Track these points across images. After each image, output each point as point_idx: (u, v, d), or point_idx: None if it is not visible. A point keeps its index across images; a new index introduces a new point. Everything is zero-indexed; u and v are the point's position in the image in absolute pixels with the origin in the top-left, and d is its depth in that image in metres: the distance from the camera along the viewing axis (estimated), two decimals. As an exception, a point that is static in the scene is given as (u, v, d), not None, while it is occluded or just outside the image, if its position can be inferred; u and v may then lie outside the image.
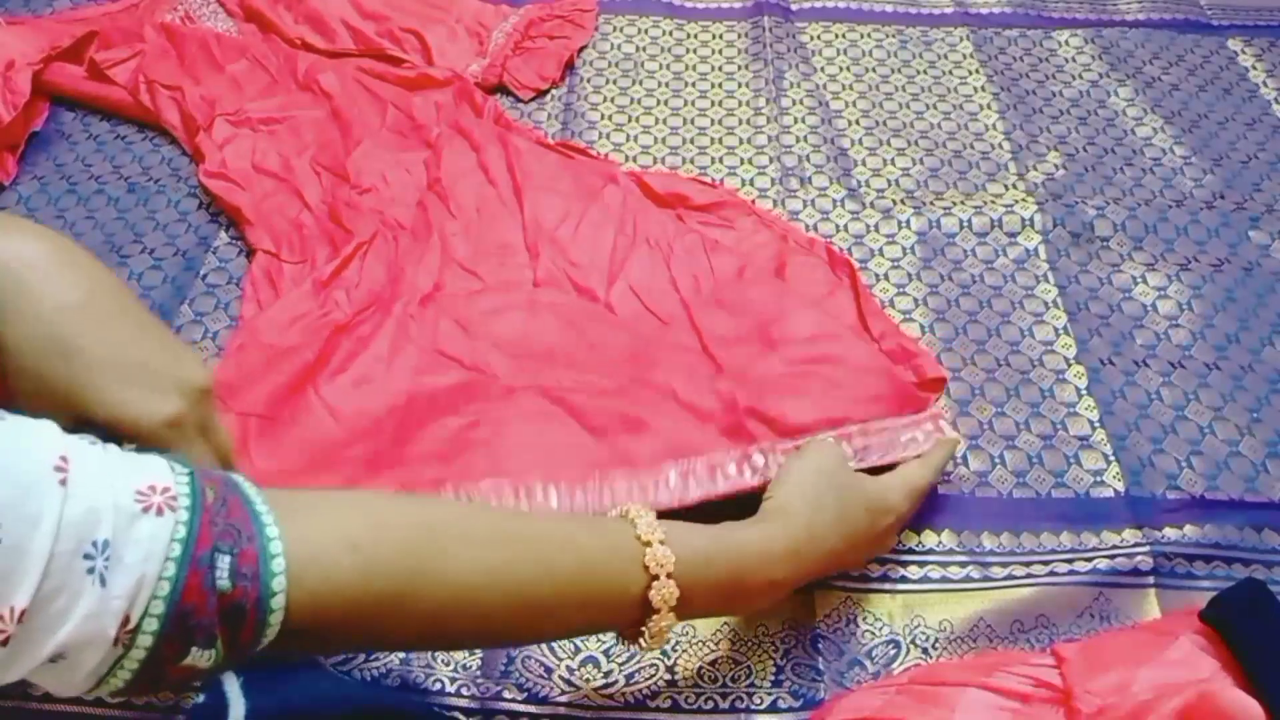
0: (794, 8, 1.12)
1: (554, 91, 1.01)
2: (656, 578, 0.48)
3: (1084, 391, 0.75)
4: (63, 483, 0.34)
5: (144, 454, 0.39)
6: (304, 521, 0.41)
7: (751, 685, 0.60)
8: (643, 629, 0.50)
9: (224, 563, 0.37)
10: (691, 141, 0.96)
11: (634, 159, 0.94)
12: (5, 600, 0.32)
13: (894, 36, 1.09)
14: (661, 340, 0.74)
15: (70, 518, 0.34)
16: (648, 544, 0.49)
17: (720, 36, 1.09)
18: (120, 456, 0.38)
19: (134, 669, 0.36)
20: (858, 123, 0.98)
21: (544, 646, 0.61)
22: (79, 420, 0.42)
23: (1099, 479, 0.70)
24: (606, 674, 0.61)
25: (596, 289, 0.78)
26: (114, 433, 0.43)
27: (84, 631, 0.34)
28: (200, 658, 0.37)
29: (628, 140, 0.96)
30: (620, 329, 0.75)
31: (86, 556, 0.34)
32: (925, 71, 1.05)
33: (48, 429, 0.36)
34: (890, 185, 0.92)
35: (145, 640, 0.36)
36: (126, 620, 0.35)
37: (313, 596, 0.40)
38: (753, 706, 0.59)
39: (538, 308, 0.76)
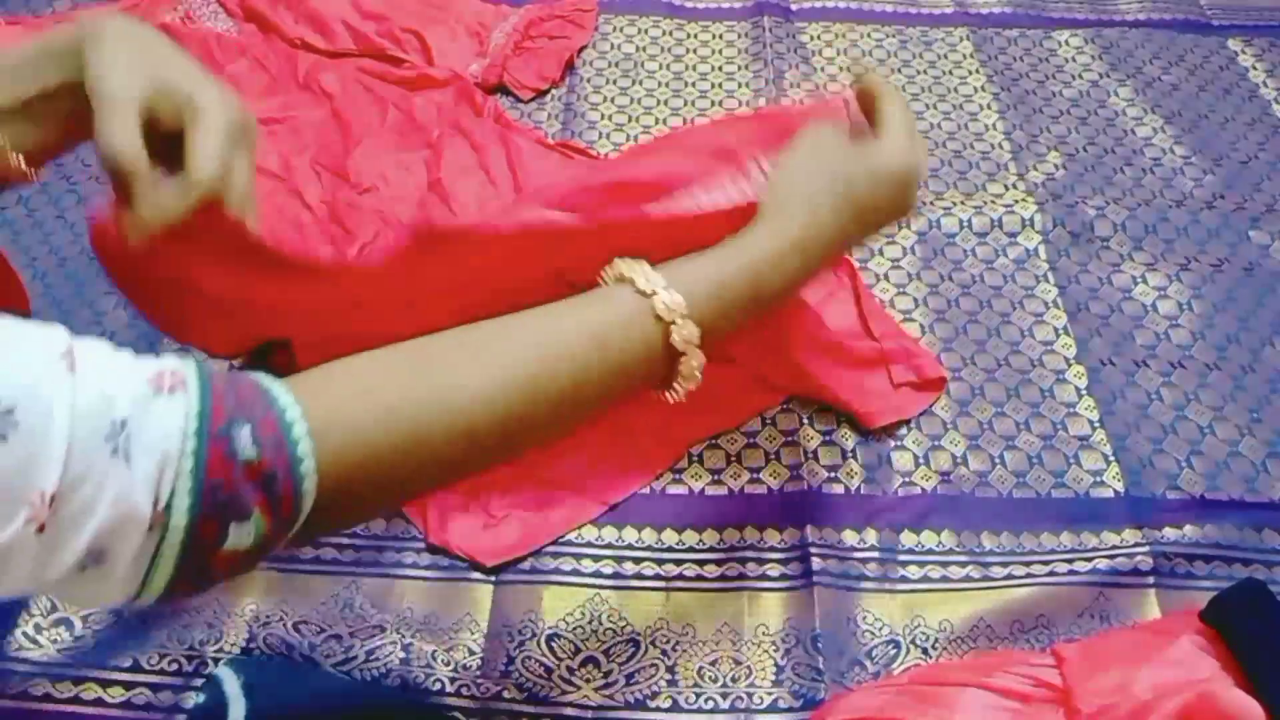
0: (794, 8, 1.12)
1: (554, 91, 1.01)
2: (673, 323, 0.47)
3: (1084, 391, 0.75)
4: (71, 369, 0.34)
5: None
6: (314, 384, 0.41)
7: (752, 685, 0.60)
8: (677, 375, 0.49)
9: (244, 432, 0.37)
10: (691, 141, 0.96)
11: (634, 159, 0.94)
12: (34, 485, 0.32)
13: (894, 36, 1.09)
14: None
15: (85, 401, 0.33)
16: (652, 294, 0.47)
17: (720, 36, 1.09)
18: (126, 354, 0.38)
19: (175, 558, 0.36)
20: (858, 123, 0.98)
21: (543, 646, 0.61)
22: (160, 94, 0.47)
23: (1099, 479, 0.70)
24: (606, 674, 0.61)
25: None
26: (182, 105, 0.47)
27: (117, 514, 0.34)
28: (242, 536, 0.37)
29: (628, 140, 0.96)
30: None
31: (107, 438, 0.34)
32: (925, 71, 1.05)
33: (53, 329, 0.35)
34: (890, 185, 0.92)
35: (180, 520, 0.35)
36: (156, 501, 0.35)
37: (341, 450, 0.40)
38: (753, 706, 0.59)
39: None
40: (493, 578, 0.65)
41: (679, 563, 0.66)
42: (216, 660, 0.60)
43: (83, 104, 0.50)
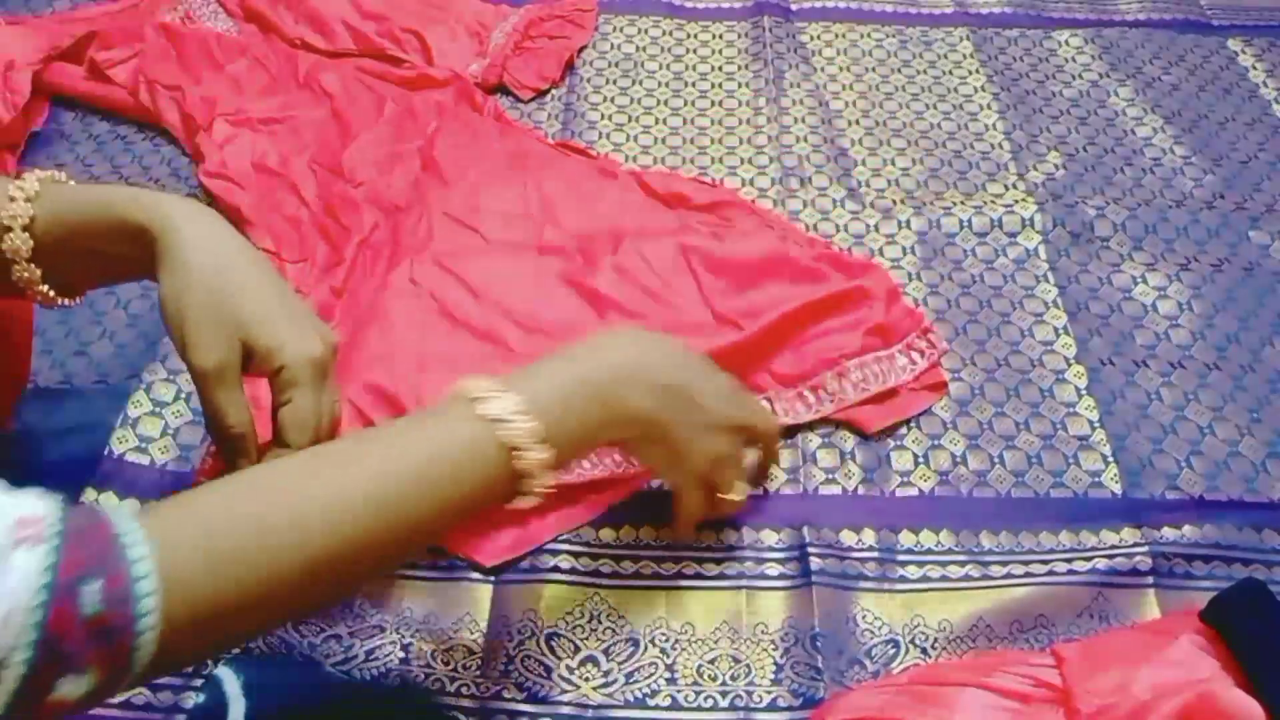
0: (794, 8, 1.12)
1: (554, 91, 1.01)
2: (502, 420, 0.49)
3: (1084, 391, 0.75)
4: None
5: (19, 488, 0.39)
6: (168, 525, 0.41)
7: (751, 684, 0.60)
8: (520, 475, 0.50)
9: (92, 588, 0.37)
10: (691, 141, 0.96)
11: (634, 159, 0.94)
12: None
13: (894, 36, 1.09)
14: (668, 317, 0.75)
15: None
16: (484, 398, 0.49)
17: (720, 36, 1.09)
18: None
19: (4, 702, 0.36)
20: (858, 123, 0.98)
21: (543, 645, 0.61)
22: (244, 345, 0.50)
23: (1098, 479, 0.70)
24: (606, 673, 0.61)
25: (601, 257, 0.78)
26: (264, 363, 0.51)
27: None
28: (74, 687, 0.37)
29: (628, 140, 0.96)
30: (626, 310, 0.75)
31: None
32: (925, 71, 1.05)
33: None
34: (890, 185, 0.92)
35: (14, 673, 0.36)
36: None
37: (187, 599, 0.40)
38: (752, 705, 0.59)
39: (543, 275, 0.77)
40: (492, 577, 0.65)
41: (678, 561, 0.66)
42: (216, 660, 0.60)
43: (126, 268, 0.53)
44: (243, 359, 0.51)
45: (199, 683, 0.59)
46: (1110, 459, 0.71)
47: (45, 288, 0.54)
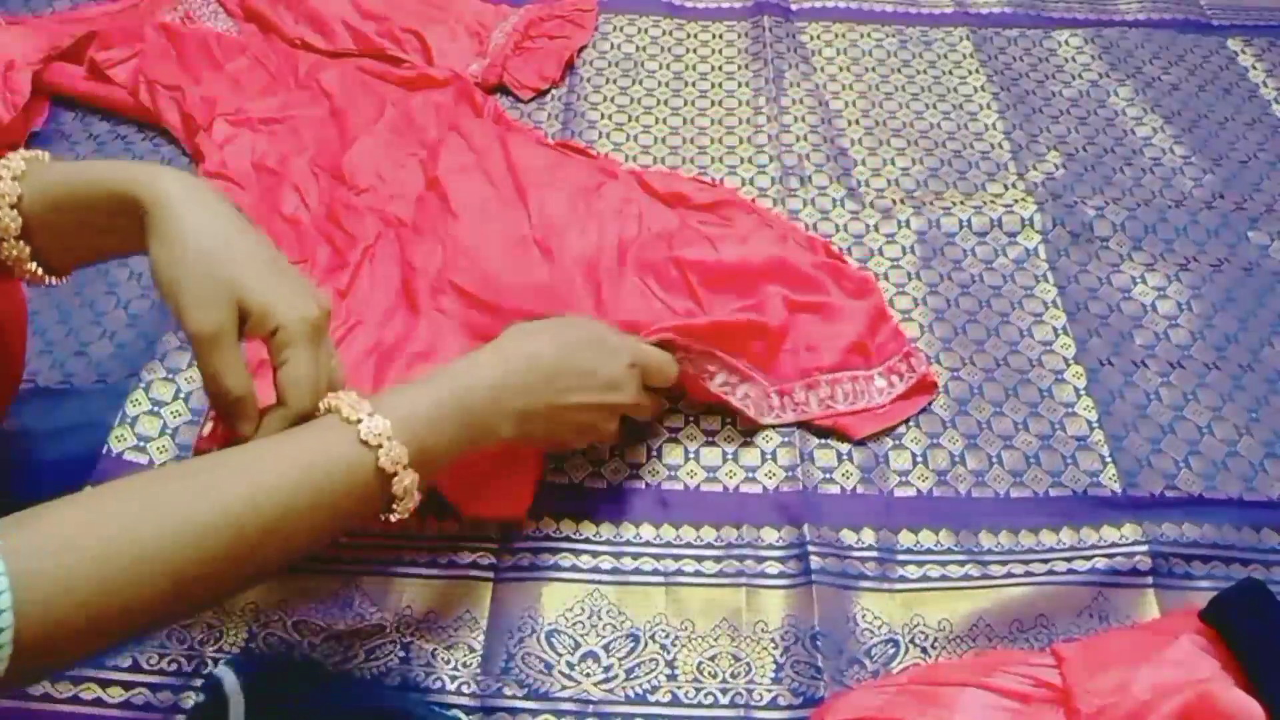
0: (794, 8, 1.12)
1: (554, 91, 1.01)
2: (379, 446, 0.50)
3: (1082, 391, 0.76)
4: None
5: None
6: (22, 540, 0.41)
7: (751, 681, 0.60)
8: (392, 498, 0.51)
9: None
10: (691, 141, 0.96)
11: (634, 159, 0.94)
12: None
13: (894, 36, 1.09)
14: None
15: None
16: (357, 421, 0.50)
17: (720, 36, 1.09)
18: None
19: None
20: (858, 123, 0.98)
21: (543, 642, 0.61)
22: (239, 308, 0.50)
23: (1096, 479, 0.70)
24: (606, 669, 0.61)
25: (605, 283, 0.78)
26: (259, 325, 0.50)
27: None
28: None
29: (628, 140, 0.96)
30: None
31: None
32: (925, 71, 1.05)
33: None
34: (890, 185, 0.92)
35: None
36: None
37: (44, 610, 0.40)
38: (752, 703, 0.59)
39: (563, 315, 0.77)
40: (492, 574, 0.65)
41: (677, 558, 0.66)
42: (216, 660, 0.60)
43: (116, 241, 0.53)
44: (239, 323, 0.51)
45: (199, 682, 0.59)
46: (1108, 459, 0.71)
47: (34, 265, 0.53)
